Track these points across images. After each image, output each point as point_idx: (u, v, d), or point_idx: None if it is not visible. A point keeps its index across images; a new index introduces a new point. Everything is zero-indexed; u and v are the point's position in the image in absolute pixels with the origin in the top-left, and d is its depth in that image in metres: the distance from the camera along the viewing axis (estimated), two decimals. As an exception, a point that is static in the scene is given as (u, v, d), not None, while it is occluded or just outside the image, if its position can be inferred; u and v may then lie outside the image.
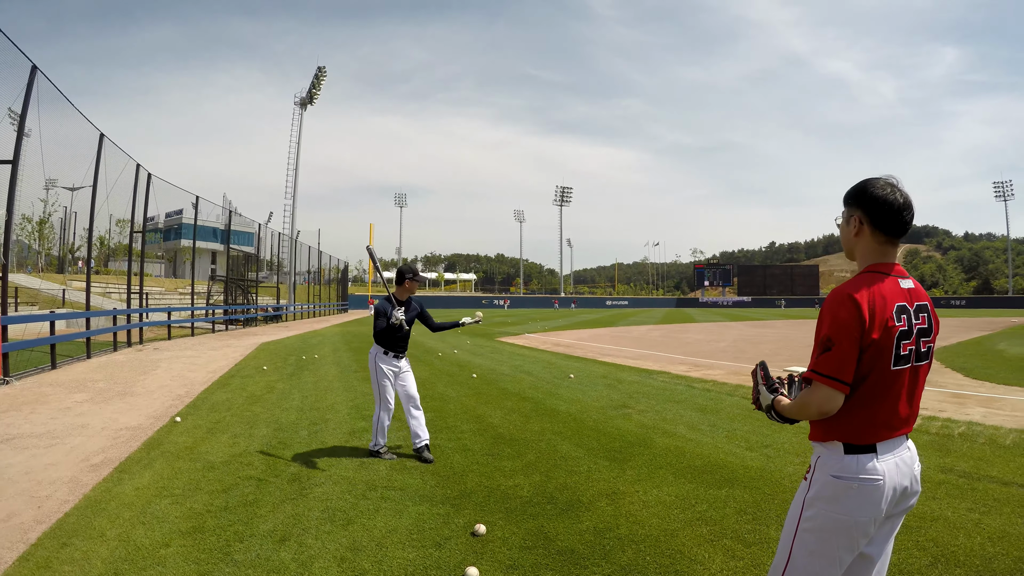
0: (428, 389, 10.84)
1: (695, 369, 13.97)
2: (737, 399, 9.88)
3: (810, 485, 2.42)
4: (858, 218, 2.45)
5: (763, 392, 2.63)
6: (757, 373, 2.71)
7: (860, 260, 2.50)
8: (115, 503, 5.13)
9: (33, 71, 12.79)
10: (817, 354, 2.35)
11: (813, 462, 2.45)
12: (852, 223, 2.48)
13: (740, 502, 5.08)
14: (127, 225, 21.77)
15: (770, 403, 2.58)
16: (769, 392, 2.62)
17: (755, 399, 2.69)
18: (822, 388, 2.30)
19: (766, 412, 2.62)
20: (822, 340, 2.34)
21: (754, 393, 2.70)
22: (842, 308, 2.31)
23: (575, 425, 8.03)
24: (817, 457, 2.44)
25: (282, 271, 50.00)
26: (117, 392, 10.81)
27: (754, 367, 2.77)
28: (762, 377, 2.68)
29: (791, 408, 2.47)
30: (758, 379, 2.69)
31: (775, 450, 6.72)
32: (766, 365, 2.74)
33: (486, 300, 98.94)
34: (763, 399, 2.62)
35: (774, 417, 2.58)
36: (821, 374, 2.31)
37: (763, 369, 2.71)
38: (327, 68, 68.57)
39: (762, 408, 2.65)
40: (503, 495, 5.27)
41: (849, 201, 2.52)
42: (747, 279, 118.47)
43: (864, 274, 2.42)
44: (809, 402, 2.34)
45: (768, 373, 2.70)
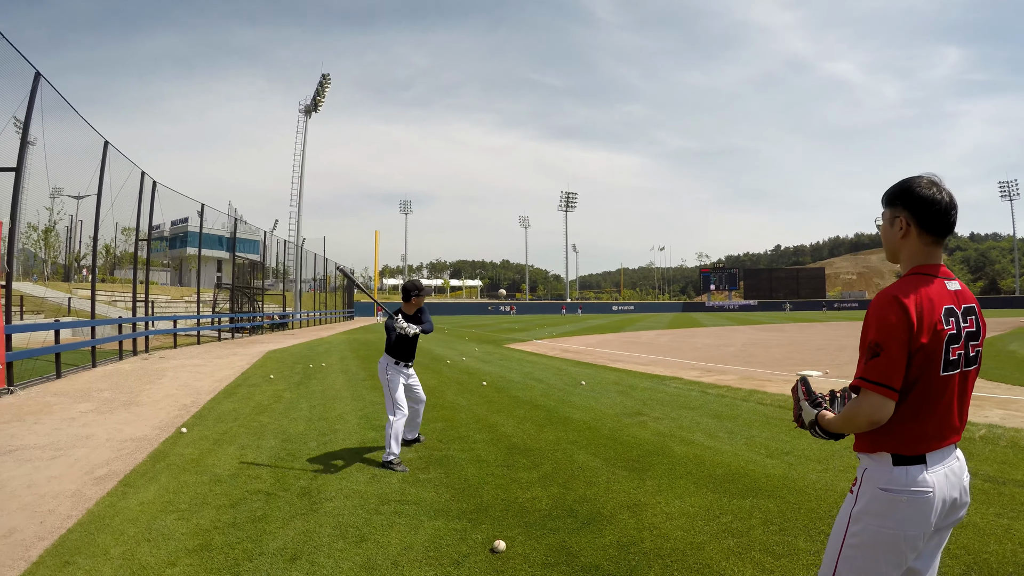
0: (438, 398, 10.69)
1: (707, 374, 13.78)
2: (752, 404, 9.69)
3: (857, 498, 2.29)
4: (904, 219, 2.34)
5: (806, 408, 2.53)
6: (798, 389, 2.61)
7: (905, 262, 2.38)
8: (119, 518, 4.97)
9: (37, 78, 12.70)
10: (865, 360, 2.22)
11: (859, 475, 2.33)
12: (897, 225, 2.36)
13: (765, 512, 4.90)
14: (132, 233, 21.69)
15: (813, 419, 2.47)
16: (812, 407, 2.50)
17: (797, 416, 2.60)
18: (871, 396, 2.18)
19: (809, 429, 2.51)
20: (869, 345, 2.21)
21: (795, 410, 2.60)
22: (890, 311, 2.19)
23: (590, 434, 7.83)
24: (864, 469, 2.32)
25: (288, 279, 49.99)
26: (122, 402, 10.66)
27: (794, 383, 2.66)
28: (804, 392, 2.57)
29: (837, 421, 2.35)
30: (799, 395, 2.58)
31: (796, 457, 6.53)
32: (807, 380, 2.64)
33: (492, 307, 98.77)
34: (806, 415, 2.52)
35: (818, 433, 2.47)
36: (870, 381, 2.18)
37: (804, 384, 2.60)
38: (331, 75, 68.72)
39: (804, 425, 2.54)
40: (521, 508, 5.07)
41: (892, 201, 2.39)
42: (753, 283, 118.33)
43: (910, 276, 2.30)
44: (858, 412, 2.22)
45: (810, 388, 2.59)
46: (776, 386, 11.59)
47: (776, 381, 12.34)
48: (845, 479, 5.70)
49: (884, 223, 2.43)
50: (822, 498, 5.20)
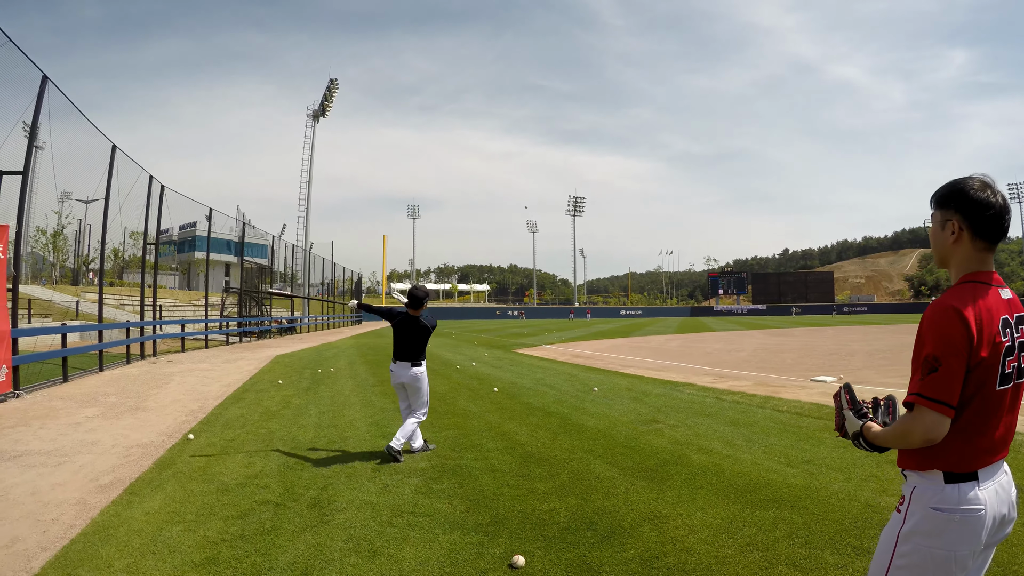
0: (449, 404, 10.56)
1: (720, 380, 13.58)
2: (768, 411, 9.51)
3: (905, 518, 2.16)
4: (956, 223, 2.19)
5: (850, 418, 2.38)
6: (841, 396, 2.45)
7: (956, 268, 2.24)
8: (124, 529, 4.82)
9: (44, 81, 12.67)
10: (921, 375, 2.08)
11: (907, 493, 2.19)
12: (949, 229, 2.21)
13: (790, 524, 4.73)
14: (141, 237, 21.67)
15: (858, 430, 2.33)
16: (857, 418, 2.36)
17: (839, 425, 2.44)
18: (928, 414, 2.04)
19: (853, 440, 2.37)
20: (927, 360, 2.06)
21: (837, 419, 2.45)
22: (949, 324, 2.05)
23: (606, 442, 7.64)
24: (912, 488, 2.18)
25: (296, 283, 49.97)
26: (129, 407, 10.56)
27: (837, 390, 2.50)
28: (847, 401, 2.42)
29: (887, 436, 2.22)
30: (843, 403, 2.43)
31: (816, 466, 6.35)
32: (851, 387, 2.48)
33: (500, 311, 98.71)
34: (850, 426, 2.37)
35: (862, 445, 2.33)
36: (927, 398, 2.04)
37: (848, 392, 2.45)
38: (339, 81, 68.81)
39: (847, 435, 2.40)
40: (539, 521, 4.89)
41: (943, 204, 2.24)
42: (761, 287, 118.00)
43: (965, 284, 2.16)
44: (912, 429, 2.08)
45: (854, 396, 2.43)
46: (791, 392, 11.40)
47: (790, 387, 12.15)
48: (868, 489, 5.55)
49: (934, 226, 2.29)
50: (846, 509, 5.03)
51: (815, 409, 9.52)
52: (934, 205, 2.28)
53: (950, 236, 2.20)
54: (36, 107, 12.47)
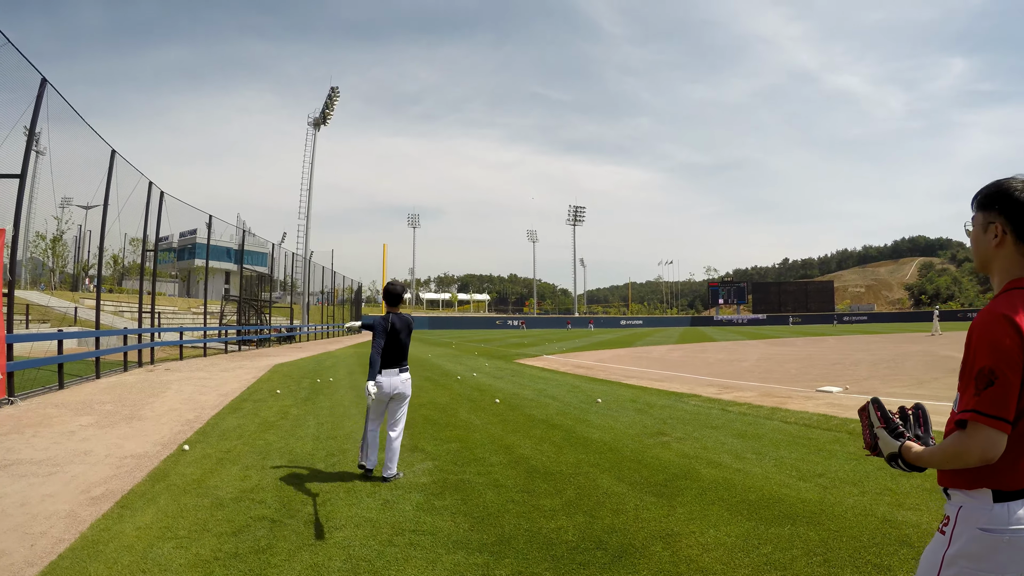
0: (450, 416, 10.38)
1: (725, 391, 13.39)
2: (776, 423, 9.32)
3: (951, 540, 2.00)
4: (999, 227, 2.05)
5: (884, 437, 2.21)
6: (870, 412, 2.29)
7: (1000, 274, 2.08)
8: (114, 544, 4.64)
9: (43, 84, 12.55)
10: (976, 390, 1.91)
11: (952, 513, 2.03)
12: (992, 232, 2.06)
13: (806, 542, 4.55)
14: (140, 244, 21.54)
15: (896, 451, 2.15)
16: (893, 437, 2.18)
17: (870, 443, 2.28)
18: (985, 431, 1.88)
19: (888, 461, 2.19)
20: (980, 373, 1.90)
21: (867, 437, 2.29)
22: (1002, 334, 1.89)
23: (612, 456, 7.44)
24: (958, 507, 2.01)
25: (296, 291, 49.85)
26: (124, 416, 10.38)
27: (864, 404, 2.33)
28: (879, 418, 2.24)
29: (935, 457, 2.04)
30: (873, 420, 2.26)
31: (830, 480, 6.17)
32: (881, 403, 2.29)
33: (500, 321, 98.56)
34: (885, 446, 2.21)
35: (899, 466, 2.15)
36: (985, 414, 1.87)
37: (879, 408, 2.27)
38: (340, 89, 68.85)
39: (881, 455, 2.23)
40: (546, 540, 4.69)
41: (985, 205, 2.10)
42: (761, 296, 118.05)
43: (1013, 292, 1.99)
44: (969, 449, 1.90)
45: (886, 412, 2.25)
46: (797, 403, 11.21)
47: (796, 398, 11.96)
48: (884, 503, 5.38)
49: (975, 229, 2.14)
50: (863, 525, 4.86)
51: (823, 420, 9.34)
52: (976, 207, 2.15)
53: (992, 240, 2.07)
54: (35, 110, 12.35)
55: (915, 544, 4.42)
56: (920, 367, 17.94)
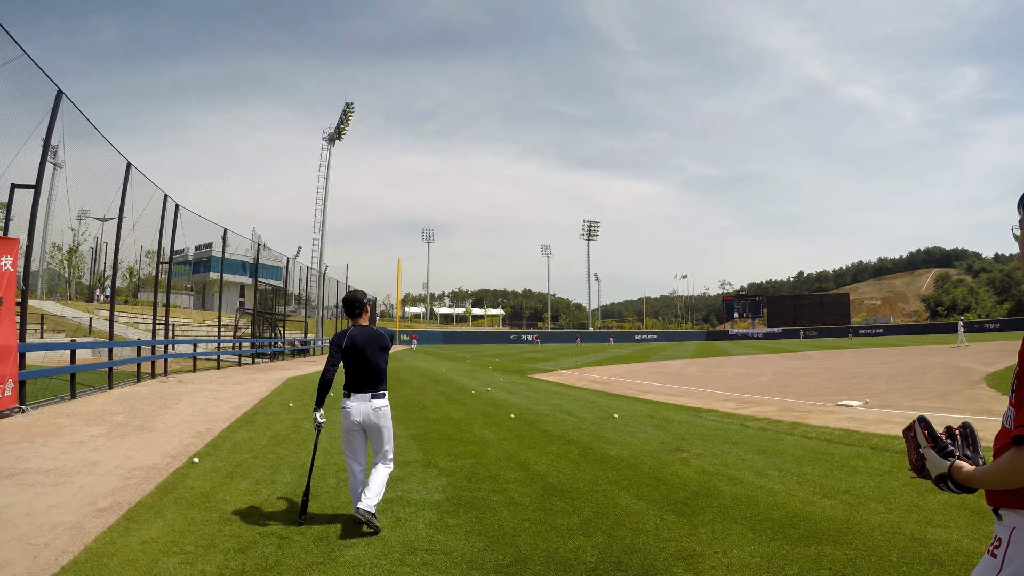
0: (464, 431, 10.24)
1: (744, 406, 13.16)
2: (797, 438, 9.11)
3: (1003, 563, 1.85)
4: None
5: (932, 457, 2.11)
6: (917, 432, 2.19)
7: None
8: (118, 559, 4.53)
9: (58, 96, 12.60)
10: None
11: (1005, 535, 1.87)
12: None
13: (834, 562, 4.37)
14: (155, 256, 21.61)
15: (946, 472, 2.02)
16: (943, 457, 2.05)
17: (916, 464, 2.19)
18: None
19: (937, 482, 2.06)
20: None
21: (913, 458, 2.21)
22: None
23: (631, 473, 7.25)
24: (1012, 529, 1.86)
25: (310, 305, 49.94)
26: (135, 427, 10.31)
27: (910, 423, 2.22)
28: (927, 437, 2.12)
29: (988, 477, 1.89)
30: (920, 439, 2.17)
31: (855, 496, 5.97)
32: (928, 421, 2.16)
33: (514, 336, 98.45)
34: (934, 467, 2.10)
35: (949, 488, 2.02)
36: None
37: (926, 426, 2.15)
38: (355, 105, 69.23)
39: (927, 477, 2.10)
40: (564, 561, 4.51)
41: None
42: (777, 310, 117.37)
43: None
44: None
45: (934, 431, 2.12)
46: (818, 418, 10.98)
47: (816, 412, 11.72)
48: (912, 520, 5.19)
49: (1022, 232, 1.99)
50: (891, 544, 4.67)
51: (845, 435, 9.11)
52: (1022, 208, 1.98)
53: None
54: (50, 122, 12.40)
55: (945, 563, 4.24)
56: (941, 380, 17.62)
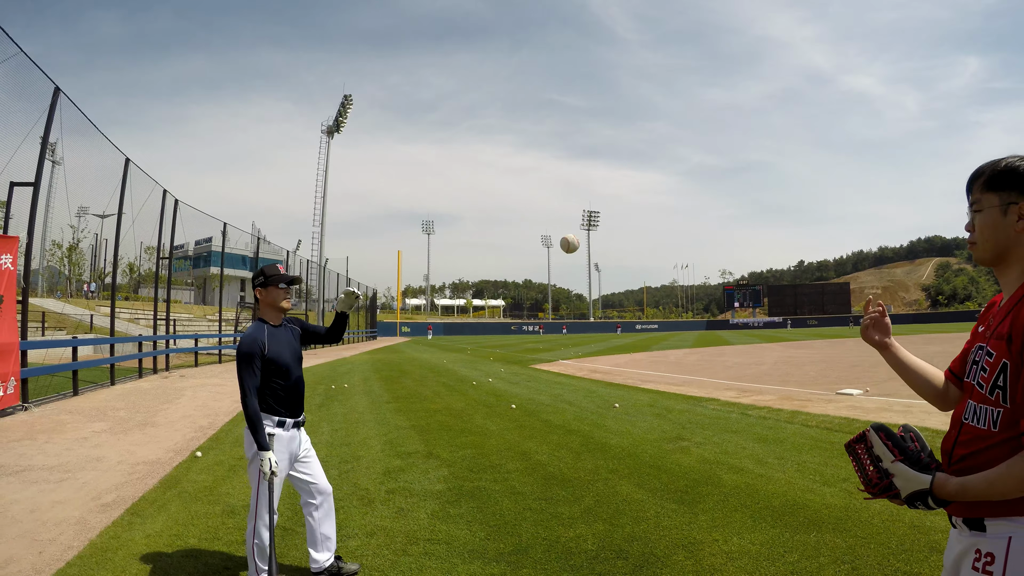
0: (466, 422, 10.26)
1: (744, 395, 13.19)
2: (797, 427, 9.13)
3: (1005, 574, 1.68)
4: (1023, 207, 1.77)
5: (903, 473, 1.82)
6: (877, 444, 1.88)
7: (1021, 263, 1.81)
8: (122, 552, 4.55)
9: (56, 93, 12.54)
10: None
11: (999, 548, 1.71)
12: (1015, 213, 1.79)
13: (833, 549, 4.39)
14: (155, 252, 21.60)
15: (927, 488, 1.79)
16: (919, 471, 1.81)
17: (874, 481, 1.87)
18: None
19: (908, 501, 1.82)
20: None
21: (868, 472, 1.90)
22: None
23: (631, 462, 7.28)
24: (1009, 537, 1.69)
25: (311, 298, 49.92)
26: (137, 422, 10.33)
27: (858, 435, 1.94)
28: (891, 449, 1.85)
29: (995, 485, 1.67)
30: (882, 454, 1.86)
31: (854, 484, 5.96)
32: (887, 429, 1.90)
33: (515, 326, 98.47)
34: (908, 483, 1.81)
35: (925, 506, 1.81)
36: None
37: (888, 437, 1.88)
38: (355, 97, 69.20)
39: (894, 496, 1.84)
40: (565, 549, 4.54)
41: (999, 184, 1.83)
42: (777, 299, 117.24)
43: None
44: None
45: (897, 439, 1.87)
46: (818, 406, 11.01)
47: (816, 401, 11.75)
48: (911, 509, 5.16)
49: (990, 213, 1.85)
50: (891, 531, 4.70)
51: (845, 424, 9.14)
52: (984, 188, 1.87)
53: (1015, 222, 1.79)
54: (48, 119, 12.36)
55: (944, 550, 4.25)
56: (940, 368, 17.61)
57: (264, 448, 3.74)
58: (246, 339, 3.87)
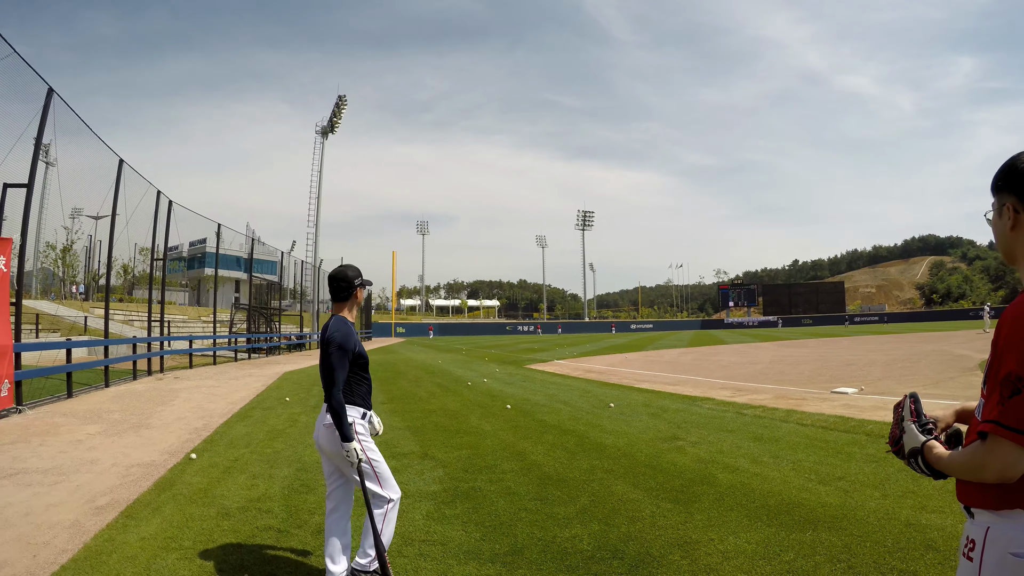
0: (461, 422, 10.26)
1: (739, 394, 13.21)
2: (792, 426, 9.16)
3: (981, 567, 1.76)
4: (1011, 206, 1.82)
5: (911, 431, 2.04)
6: (905, 406, 2.10)
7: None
8: (117, 555, 4.53)
9: (49, 94, 12.53)
10: (1000, 398, 1.68)
11: (979, 535, 1.79)
12: (1006, 214, 1.84)
13: (829, 547, 4.41)
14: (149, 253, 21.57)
15: (919, 447, 1.97)
16: (921, 432, 2.00)
17: (894, 439, 2.12)
18: (1005, 447, 1.66)
19: (908, 458, 2.03)
20: (1007, 379, 1.67)
21: (894, 431, 2.13)
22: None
23: (626, 461, 7.28)
24: (986, 528, 1.78)
25: (305, 299, 49.87)
26: (132, 424, 10.30)
27: (901, 398, 2.15)
28: (912, 412, 2.06)
29: (953, 465, 1.85)
30: (906, 413, 2.09)
31: (850, 483, 6.02)
32: (918, 398, 2.10)
33: (510, 327, 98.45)
34: (909, 440, 2.03)
35: (918, 466, 1.98)
36: (1008, 427, 1.65)
37: (915, 403, 2.08)
38: (351, 98, 69.13)
39: (901, 453, 2.07)
40: (560, 550, 4.54)
41: (998, 187, 1.88)
42: (772, 298, 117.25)
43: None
44: (986, 464, 1.70)
45: (920, 408, 2.07)
46: (813, 405, 11.03)
47: (811, 399, 11.77)
48: (907, 506, 5.24)
49: (993, 217, 1.93)
50: (886, 529, 4.71)
51: (840, 422, 9.17)
52: (992, 191, 1.93)
53: (1007, 223, 1.84)
54: (41, 120, 12.34)
55: (940, 548, 4.28)
56: (935, 366, 17.71)
57: (349, 439, 3.86)
58: (340, 333, 4.02)
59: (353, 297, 4.31)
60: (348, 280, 4.26)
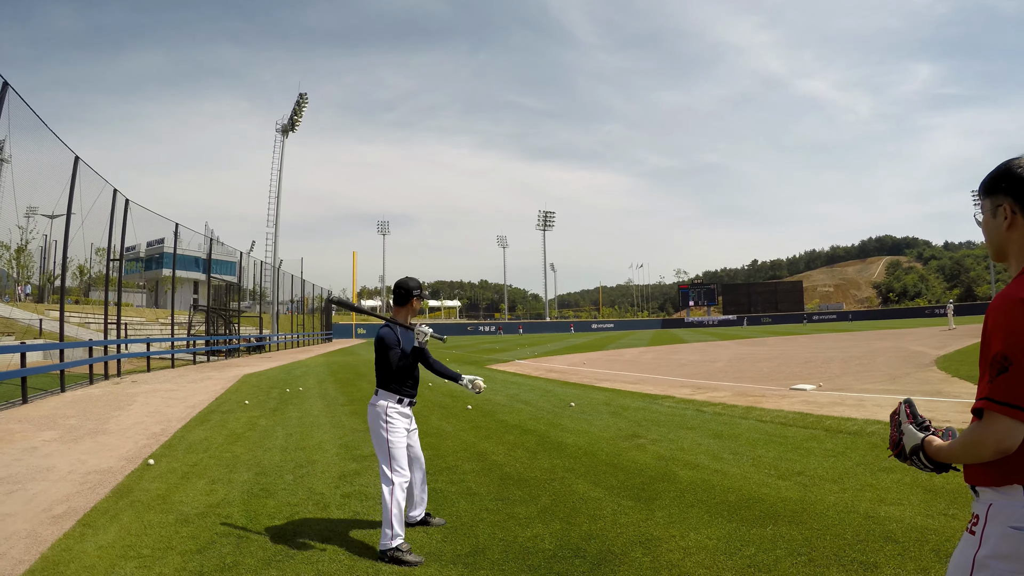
0: (422, 423, 10.10)
1: (699, 392, 13.38)
2: (752, 422, 9.31)
3: (981, 541, 1.91)
4: (1008, 207, 1.99)
5: (909, 431, 2.17)
6: (901, 412, 2.24)
7: (1016, 258, 2.01)
8: (75, 565, 4.47)
9: (4, 87, 12.21)
10: (990, 377, 1.84)
11: (982, 512, 1.94)
12: (1001, 214, 2.01)
13: (789, 541, 4.50)
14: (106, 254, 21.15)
15: (919, 443, 2.10)
16: (919, 430, 2.13)
17: (895, 442, 2.23)
18: (1000, 420, 1.81)
19: (909, 458, 2.16)
20: (994, 359, 1.84)
21: (893, 435, 2.25)
22: (1019, 318, 1.82)
23: (587, 460, 7.35)
24: (988, 505, 1.92)
25: (265, 300, 49.29)
26: (88, 430, 10.11)
27: (897, 406, 2.29)
28: (908, 415, 2.21)
29: (953, 450, 1.99)
30: (902, 417, 2.22)
31: (809, 478, 6.15)
32: (913, 403, 2.25)
33: (471, 327, 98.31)
34: (909, 439, 2.15)
35: (921, 463, 2.11)
36: (997, 402, 1.81)
37: (910, 407, 2.24)
38: (312, 96, 68.46)
39: (902, 455, 2.19)
40: (522, 550, 4.58)
41: (992, 189, 2.05)
42: (731, 297, 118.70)
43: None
44: (983, 439, 1.85)
45: (915, 410, 2.22)
46: (772, 401, 11.22)
47: (771, 396, 11.97)
48: (865, 499, 5.36)
49: (985, 215, 2.10)
50: (846, 522, 4.82)
51: (799, 418, 9.34)
52: (982, 193, 2.11)
53: (1003, 222, 2.01)
54: (-6, 114, 12.04)
55: (899, 540, 4.39)
56: (892, 363, 18.09)
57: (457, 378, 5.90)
58: (384, 332, 5.27)
59: (409, 304, 5.40)
60: (407, 289, 5.37)
